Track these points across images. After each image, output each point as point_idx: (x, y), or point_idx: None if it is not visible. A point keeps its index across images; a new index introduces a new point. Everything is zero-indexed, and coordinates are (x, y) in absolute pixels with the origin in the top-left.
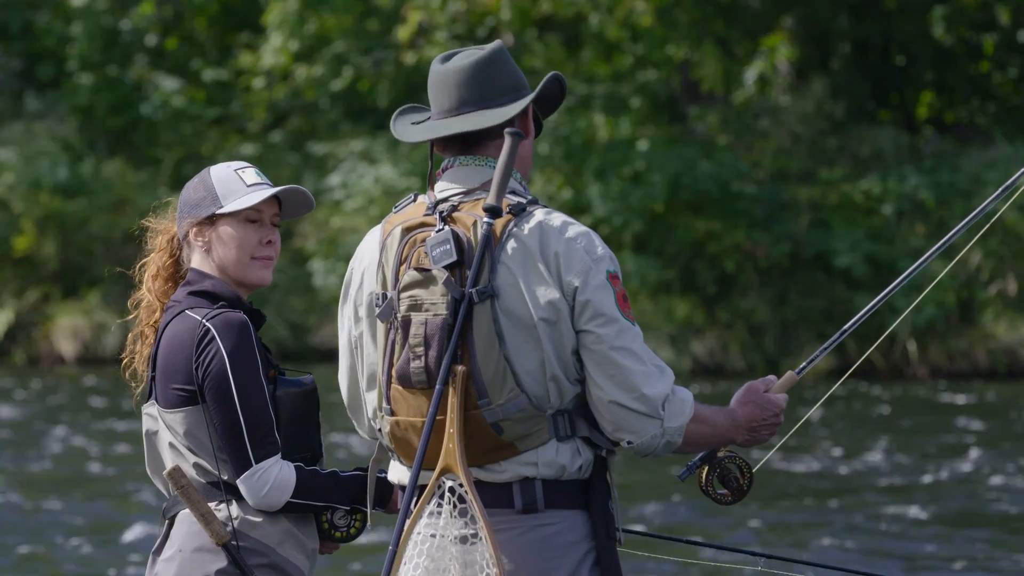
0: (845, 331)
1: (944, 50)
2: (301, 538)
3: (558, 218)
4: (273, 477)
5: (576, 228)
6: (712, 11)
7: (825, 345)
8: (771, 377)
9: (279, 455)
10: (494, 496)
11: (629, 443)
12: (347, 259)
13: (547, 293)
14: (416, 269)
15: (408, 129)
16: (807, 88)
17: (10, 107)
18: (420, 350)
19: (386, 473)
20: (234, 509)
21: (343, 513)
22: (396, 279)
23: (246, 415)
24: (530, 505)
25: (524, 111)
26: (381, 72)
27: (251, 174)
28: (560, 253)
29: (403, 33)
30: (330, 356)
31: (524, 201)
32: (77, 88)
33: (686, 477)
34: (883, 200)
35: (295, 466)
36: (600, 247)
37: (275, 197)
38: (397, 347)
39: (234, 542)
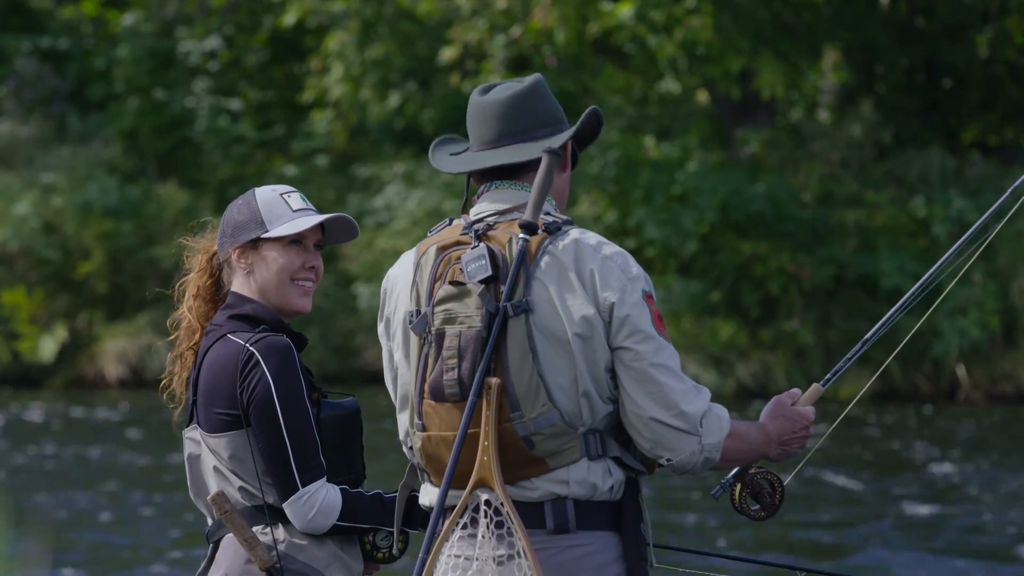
0: (867, 341)
1: (990, 73)
2: (347, 561)
3: (593, 237)
4: (320, 500)
5: (611, 247)
6: (766, 26)
7: (848, 355)
8: (796, 391)
9: (325, 478)
10: (526, 516)
11: (668, 460)
12: None
13: (582, 308)
14: (451, 283)
15: (447, 160)
16: (855, 112)
17: (55, 130)
18: (453, 362)
19: (418, 493)
20: (279, 533)
21: (385, 534)
22: (430, 295)
23: (292, 439)
24: (562, 525)
25: (563, 145)
26: (429, 95)
27: (297, 199)
28: (595, 270)
29: (449, 54)
30: (375, 378)
31: (559, 220)
32: (122, 110)
33: (720, 495)
34: (928, 223)
35: (340, 489)
36: (635, 267)
37: (319, 223)
38: (430, 361)
39: (278, 565)
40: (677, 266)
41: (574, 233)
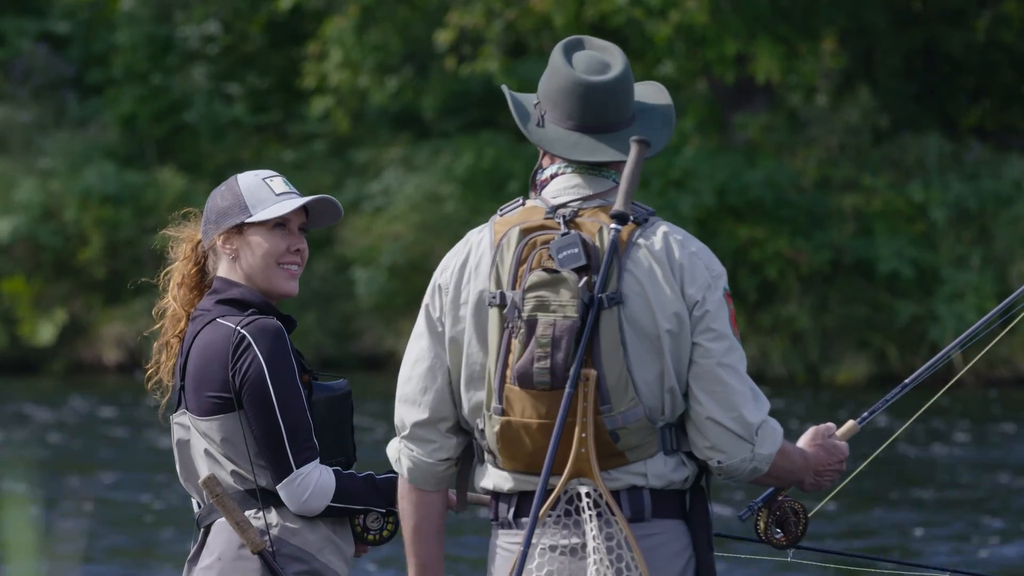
0: (907, 385)
1: (987, 57)
2: (340, 544)
3: (679, 232)
4: (314, 482)
5: (696, 243)
6: (764, 9)
7: (887, 397)
8: (831, 425)
9: (318, 460)
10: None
11: (718, 463)
12: (389, 267)
13: (673, 304)
14: (544, 270)
15: (539, 132)
16: (852, 97)
17: (53, 115)
18: (547, 351)
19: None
20: (272, 517)
21: (376, 516)
22: (514, 279)
23: (286, 421)
24: (638, 514)
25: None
26: (427, 80)
27: (279, 183)
28: (685, 266)
29: (444, 36)
30: (373, 363)
31: (645, 211)
32: (120, 95)
33: (747, 517)
34: (926, 207)
35: (333, 470)
36: (718, 264)
37: (303, 206)
38: (517, 346)
39: (270, 549)
40: None
41: (663, 226)
